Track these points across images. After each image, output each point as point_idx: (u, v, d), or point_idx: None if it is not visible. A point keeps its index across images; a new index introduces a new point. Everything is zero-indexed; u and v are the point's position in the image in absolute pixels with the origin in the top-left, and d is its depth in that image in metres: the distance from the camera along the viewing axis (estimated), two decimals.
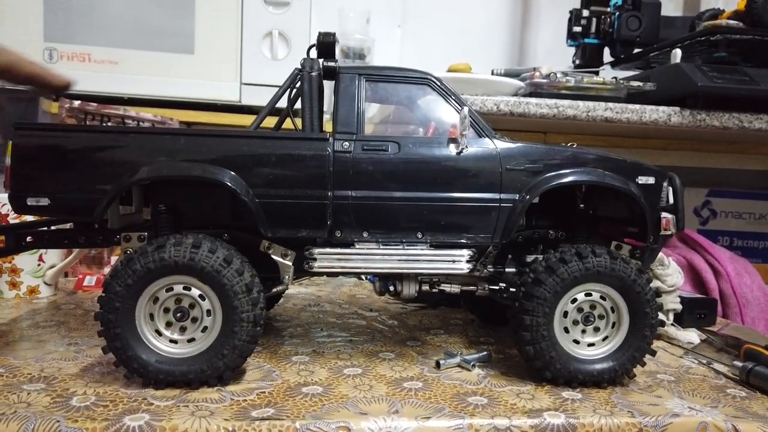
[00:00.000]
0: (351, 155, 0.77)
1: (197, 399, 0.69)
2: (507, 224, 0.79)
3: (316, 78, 0.84)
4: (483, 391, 0.75)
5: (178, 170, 0.74)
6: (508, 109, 1.33)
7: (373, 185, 0.77)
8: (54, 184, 0.74)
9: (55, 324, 0.97)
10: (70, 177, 0.74)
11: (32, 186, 0.74)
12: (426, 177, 0.78)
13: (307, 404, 0.68)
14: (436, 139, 0.79)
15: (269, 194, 0.76)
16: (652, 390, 0.78)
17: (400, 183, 0.78)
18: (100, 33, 1.50)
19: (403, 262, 0.79)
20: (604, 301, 0.78)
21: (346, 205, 0.77)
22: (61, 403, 0.66)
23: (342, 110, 0.79)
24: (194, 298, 0.72)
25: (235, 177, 0.75)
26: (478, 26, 2.09)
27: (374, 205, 0.78)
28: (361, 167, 0.77)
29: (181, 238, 0.71)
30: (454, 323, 1.08)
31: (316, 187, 0.76)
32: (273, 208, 0.76)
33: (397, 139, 0.79)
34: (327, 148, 0.77)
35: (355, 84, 0.80)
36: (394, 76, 0.82)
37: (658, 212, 0.82)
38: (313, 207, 0.77)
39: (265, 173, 0.76)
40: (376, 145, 0.78)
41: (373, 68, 0.82)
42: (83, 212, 0.75)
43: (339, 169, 0.77)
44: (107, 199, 0.73)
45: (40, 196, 0.74)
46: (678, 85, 1.39)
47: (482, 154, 0.79)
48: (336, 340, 0.94)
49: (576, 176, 0.80)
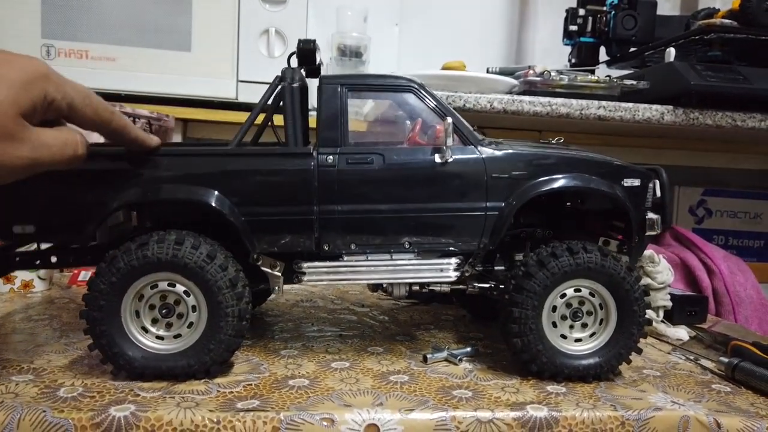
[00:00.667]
0: (335, 169, 0.77)
1: (184, 391, 0.69)
2: (494, 230, 0.80)
3: (297, 90, 0.83)
4: (468, 385, 0.75)
5: (164, 193, 0.74)
6: (502, 107, 1.34)
7: (359, 198, 0.77)
8: (39, 210, 0.73)
9: (48, 317, 0.98)
10: (55, 202, 0.73)
11: (17, 213, 0.73)
12: (411, 188, 0.78)
13: (292, 396, 0.69)
14: (420, 149, 0.79)
15: (255, 212, 0.76)
16: (636, 385, 0.78)
17: (386, 195, 0.78)
18: (98, 30, 1.51)
19: (392, 273, 0.80)
20: (593, 298, 0.78)
21: (333, 219, 0.77)
22: (49, 393, 0.67)
23: (325, 122, 0.79)
24: (179, 294, 0.73)
25: (219, 197, 0.75)
26: (475, 24, 2.09)
27: (361, 218, 0.78)
28: (346, 181, 0.77)
29: (164, 235, 0.72)
30: (445, 319, 1.08)
31: (301, 203, 0.76)
32: (259, 226, 0.76)
33: (382, 150, 0.78)
34: (311, 163, 0.76)
35: (337, 95, 0.79)
36: (378, 85, 0.82)
37: (644, 213, 0.83)
38: (300, 222, 0.77)
39: (250, 191, 0.76)
40: (360, 158, 0.78)
41: (355, 77, 0.82)
42: (70, 237, 0.76)
43: (324, 184, 0.76)
44: (94, 223, 0.74)
45: (26, 222, 0.73)
46: (671, 84, 1.39)
47: (467, 162, 0.79)
48: (326, 334, 0.95)
49: (563, 182, 0.80)
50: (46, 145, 0.62)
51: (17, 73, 0.59)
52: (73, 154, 0.65)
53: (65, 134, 0.65)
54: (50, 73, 0.62)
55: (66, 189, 0.74)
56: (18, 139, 0.59)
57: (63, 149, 0.64)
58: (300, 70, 0.84)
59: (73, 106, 0.64)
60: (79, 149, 0.66)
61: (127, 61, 1.52)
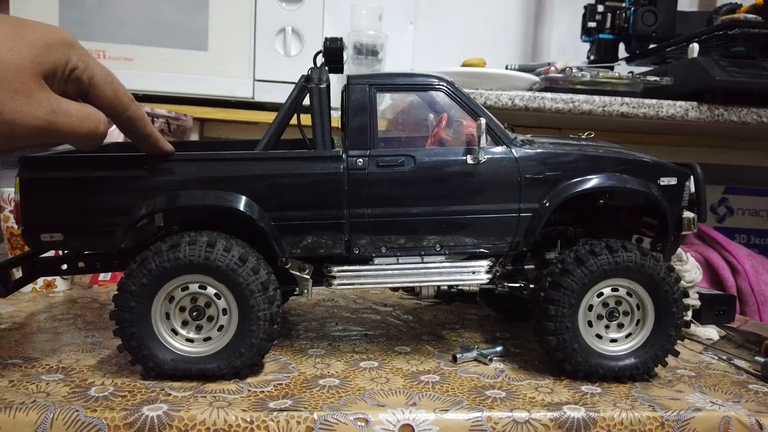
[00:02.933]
0: (365, 172, 0.75)
1: (215, 390, 0.69)
2: (527, 232, 0.78)
3: (325, 90, 0.82)
4: (501, 385, 0.74)
5: (192, 199, 0.73)
6: (523, 104, 1.32)
7: (389, 201, 0.76)
8: (66, 217, 0.72)
9: (72, 317, 0.98)
10: (83, 210, 0.72)
11: (44, 221, 0.72)
12: (443, 190, 0.77)
13: (324, 396, 0.68)
14: (452, 150, 0.78)
15: (284, 216, 0.75)
16: (672, 385, 0.77)
17: (417, 198, 0.76)
18: (115, 30, 1.51)
19: (423, 276, 0.79)
20: (630, 298, 0.77)
21: (363, 222, 0.76)
22: (80, 393, 0.66)
23: (354, 124, 0.77)
24: (210, 296, 0.72)
25: (249, 202, 0.73)
26: (490, 22, 2.08)
27: (391, 222, 0.76)
28: (376, 184, 0.76)
29: (196, 237, 0.71)
30: (469, 318, 1.07)
31: (331, 207, 0.75)
32: (289, 230, 0.75)
33: (412, 152, 0.77)
34: (341, 166, 0.75)
35: (366, 95, 0.77)
36: (407, 84, 0.81)
37: (680, 211, 0.81)
38: (330, 226, 0.76)
39: (279, 195, 0.74)
40: (390, 161, 0.76)
41: (384, 76, 0.81)
42: (99, 244, 0.74)
43: (354, 187, 0.75)
44: (122, 229, 0.72)
45: (54, 231, 0.72)
46: (695, 80, 1.37)
47: (500, 163, 0.77)
48: (351, 334, 0.94)
49: (598, 182, 0.78)
50: (66, 112, 0.60)
51: (41, 36, 0.58)
52: (94, 129, 0.63)
53: (88, 109, 0.63)
54: (75, 43, 0.61)
55: (94, 196, 0.73)
56: (35, 98, 0.57)
57: (83, 121, 0.62)
58: (326, 69, 0.83)
59: (94, 82, 0.63)
60: (101, 126, 0.64)
61: (144, 60, 1.52)
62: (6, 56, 0.56)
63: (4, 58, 0.56)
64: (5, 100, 0.56)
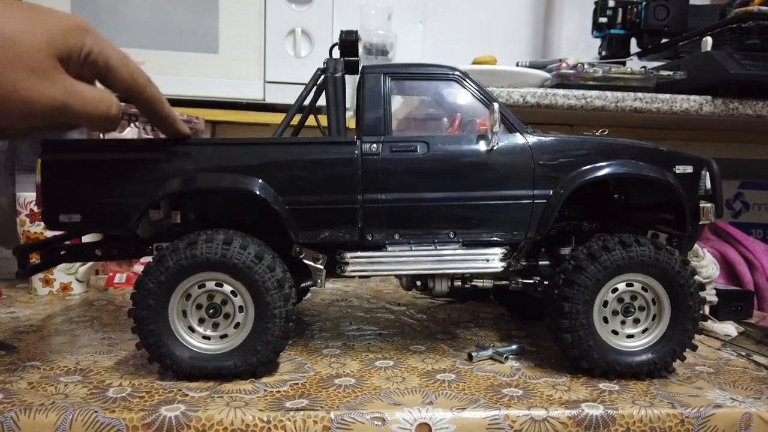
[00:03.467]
0: (379, 157, 0.76)
1: (231, 390, 0.69)
2: (542, 220, 0.78)
3: (340, 79, 0.83)
4: (517, 383, 0.73)
5: (208, 182, 0.74)
6: (535, 100, 1.32)
7: (403, 187, 0.76)
8: (85, 199, 0.74)
9: (89, 319, 0.98)
10: (101, 192, 0.74)
11: (63, 203, 0.74)
12: (457, 176, 0.77)
13: (340, 395, 0.68)
14: (465, 137, 0.78)
15: (299, 201, 0.75)
16: (691, 381, 0.76)
17: (431, 183, 0.77)
18: (127, 34, 1.52)
19: (436, 263, 0.78)
20: (645, 292, 0.76)
21: (377, 208, 0.76)
22: (98, 394, 0.66)
23: (368, 111, 0.78)
24: (226, 294, 0.72)
25: (264, 185, 0.74)
26: (500, 19, 2.07)
27: (405, 207, 0.77)
28: (390, 169, 0.76)
29: (213, 235, 0.71)
30: (483, 317, 1.07)
31: (345, 191, 0.76)
32: (303, 215, 0.75)
33: (426, 138, 0.77)
34: (354, 151, 0.76)
35: (380, 84, 0.78)
36: (421, 74, 0.81)
37: (697, 201, 0.80)
38: (343, 211, 0.76)
39: (294, 180, 0.75)
40: (404, 146, 0.77)
41: (398, 66, 0.81)
42: (115, 226, 0.75)
43: (368, 172, 0.76)
44: (139, 212, 0.73)
45: (72, 212, 0.74)
46: (709, 74, 1.36)
47: (514, 149, 0.77)
48: (365, 333, 0.94)
49: (612, 168, 0.78)
50: (80, 94, 0.62)
51: (57, 21, 0.60)
52: (107, 112, 0.64)
53: (101, 92, 0.65)
54: (89, 29, 0.63)
55: (111, 178, 0.74)
56: (51, 78, 0.59)
57: (97, 104, 0.63)
58: (342, 60, 0.84)
59: (110, 65, 0.64)
60: (113, 109, 0.65)
61: (155, 64, 1.52)
62: (23, 38, 0.58)
63: (22, 40, 0.58)
64: (22, 79, 0.58)
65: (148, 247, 0.81)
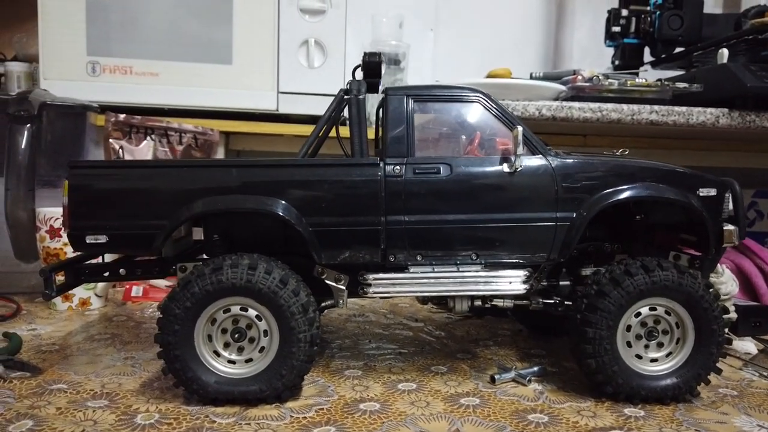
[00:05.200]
0: (402, 179, 0.76)
1: (257, 416, 0.69)
2: (565, 242, 0.78)
3: (363, 101, 0.84)
4: (542, 408, 0.73)
5: (233, 203, 0.74)
6: (551, 113, 1.31)
7: (426, 209, 0.76)
8: (111, 221, 0.74)
9: (109, 336, 0.99)
10: (126, 213, 0.74)
11: (90, 224, 0.74)
12: (480, 198, 0.77)
13: (366, 422, 0.68)
14: (488, 159, 0.78)
15: (322, 222, 0.75)
16: (716, 406, 0.76)
17: (454, 205, 0.77)
18: (141, 46, 1.53)
19: (458, 285, 0.78)
20: (668, 316, 0.76)
21: (400, 230, 0.76)
22: (126, 420, 0.67)
23: (391, 133, 0.78)
24: (251, 318, 0.73)
25: (287, 206, 0.74)
26: (510, 27, 2.06)
27: (428, 229, 0.77)
28: (413, 191, 0.76)
29: (238, 260, 0.72)
30: (502, 334, 1.07)
31: (368, 213, 0.76)
32: (326, 236, 0.76)
33: (449, 160, 0.77)
34: (378, 173, 0.76)
35: (403, 106, 0.79)
36: (444, 96, 0.81)
37: (720, 224, 0.80)
38: (367, 233, 0.76)
39: (318, 201, 0.75)
40: (427, 168, 0.77)
41: (421, 88, 0.81)
42: (141, 247, 0.76)
43: (391, 194, 0.76)
44: (164, 234, 0.74)
45: (98, 233, 0.74)
46: (726, 86, 1.35)
47: (537, 172, 0.78)
48: (385, 352, 0.94)
49: (635, 191, 0.78)
50: None
51: None
52: None
53: None
54: None
55: (137, 200, 0.74)
56: None
57: None
58: (364, 82, 0.84)
59: None
60: None
61: (170, 75, 1.53)
62: None
63: None
64: None
65: (171, 267, 0.82)
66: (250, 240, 0.81)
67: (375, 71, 0.84)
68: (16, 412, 0.68)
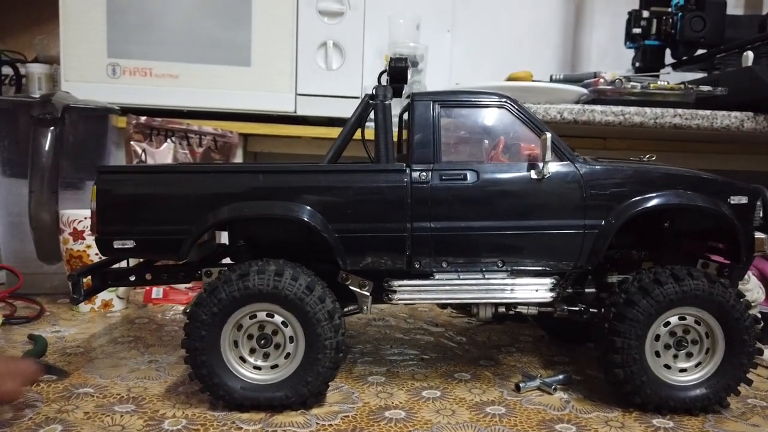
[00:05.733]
0: (429, 185, 0.76)
1: (283, 423, 0.69)
2: (593, 250, 0.77)
3: (389, 107, 0.83)
4: (569, 418, 0.73)
5: (259, 209, 0.74)
6: (572, 117, 1.30)
7: (452, 215, 0.76)
8: (138, 225, 0.75)
9: (132, 339, 0.99)
10: (154, 218, 0.75)
11: (118, 229, 0.74)
12: (506, 205, 0.76)
13: (393, 430, 0.68)
14: (515, 165, 0.77)
15: (348, 228, 0.75)
16: (746, 418, 0.74)
17: (480, 212, 0.76)
18: (161, 48, 1.53)
19: (484, 293, 0.77)
20: (698, 326, 0.75)
21: (425, 236, 0.76)
22: (154, 426, 0.67)
23: (418, 139, 0.78)
24: (277, 324, 0.73)
25: (313, 212, 0.74)
26: (529, 29, 2.05)
27: (454, 236, 0.76)
28: (439, 197, 0.76)
29: (264, 266, 0.72)
30: (524, 340, 1.06)
31: (394, 219, 0.75)
32: (351, 242, 0.75)
33: (476, 167, 0.77)
34: (404, 179, 0.76)
35: (430, 111, 0.78)
36: (471, 102, 0.80)
37: (752, 232, 0.79)
38: (392, 239, 0.76)
39: (343, 207, 0.75)
40: (454, 174, 0.76)
41: (447, 93, 0.81)
42: (168, 252, 0.76)
43: (417, 200, 0.75)
44: (192, 238, 0.74)
45: (126, 238, 0.75)
46: (751, 89, 1.33)
47: (564, 178, 0.77)
48: (407, 358, 0.94)
49: (665, 199, 0.77)
50: None
51: None
52: None
53: None
54: None
55: (164, 205, 0.75)
56: None
57: None
58: (390, 87, 0.84)
59: None
60: None
61: (189, 77, 1.54)
62: None
63: None
64: None
65: (196, 272, 0.82)
66: (275, 245, 0.81)
67: (401, 76, 0.84)
68: (45, 416, 0.69)
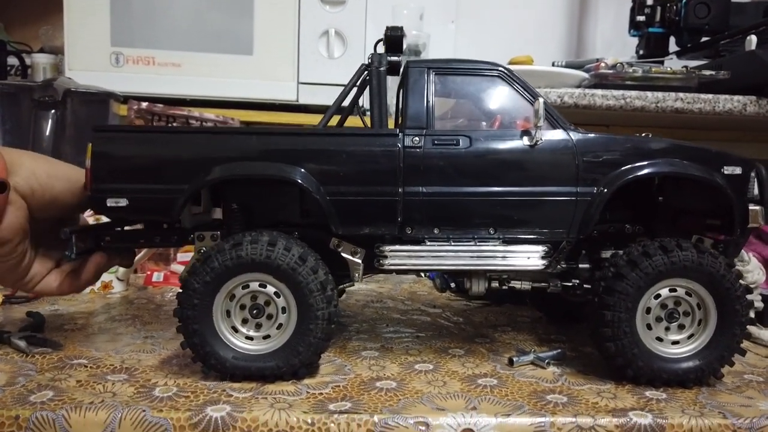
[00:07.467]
0: (421, 150, 0.76)
1: (274, 391, 0.69)
2: (584, 219, 0.76)
3: (384, 73, 0.84)
4: (561, 389, 0.72)
5: (252, 169, 0.75)
6: (573, 101, 1.30)
7: (444, 181, 0.76)
8: (131, 185, 0.75)
9: (130, 317, 1.00)
10: (147, 178, 0.75)
11: (111, 187, 0.75)
12: (499, 171, 0.76)
13: (382, 399, 0.68)
14: (508, 132, 0.77)
15: (340, 191, 0.75)
16: (741, 391, 0.74)
17: (472, 178, 0.76)
18: (164, 37, 1.55)
19: (476, 259, 0.77)
20: (689, 297, 0.74)
21: (417, 201, 0.76)
22: (145, 393, 0.68)
23: (411, 105, 0.78)
24: (269, 295, 0.73)
25: (306, 175, 0.75)
26: (533, 18, 2.04)
27: (445, 201, 0.76)
28: (431, 162, 0.76)
29: (257, 236, 0.72)
30: (521, 320, 1.05)
31: (386, 183, 0.76)
32: (344, 206, 0.76)
33: (469, 132, 0.77)
34: (397, 144, 0.76)
35: (424, 78, 0.79)
36: (465, 69, 0.80)
37: (746, 204, 0.78)
38: (384, 204, 0.76)
39: (336, 170, 0.75)
40: (446, 140, 0.76)
41: (442, 61, 0.81)
42: (159, 212, 0.76)
43: (409, 165, 0.75)
44: (183, 198, 0.74)
45: (119, 197, 0.75)
46: (754, 73, 1.32)
47: (557, 146, 0.77)
48: (403, 336, 0.94)
49: (657, 167, 0.76)
50: None
51: None
52: None
53: None
54: None
55: (157, 164, 0.75)
56: None
57: None
58: (386, 55, 0.84)
59: None
60: None
61: (192, 66, 1.55)
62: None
63: None
64: None
65: (189, 236, 0.82)
66: (267, 213, 0.81)
67: (397, 45, 0.84)
68: (37, 384, 0.69)
